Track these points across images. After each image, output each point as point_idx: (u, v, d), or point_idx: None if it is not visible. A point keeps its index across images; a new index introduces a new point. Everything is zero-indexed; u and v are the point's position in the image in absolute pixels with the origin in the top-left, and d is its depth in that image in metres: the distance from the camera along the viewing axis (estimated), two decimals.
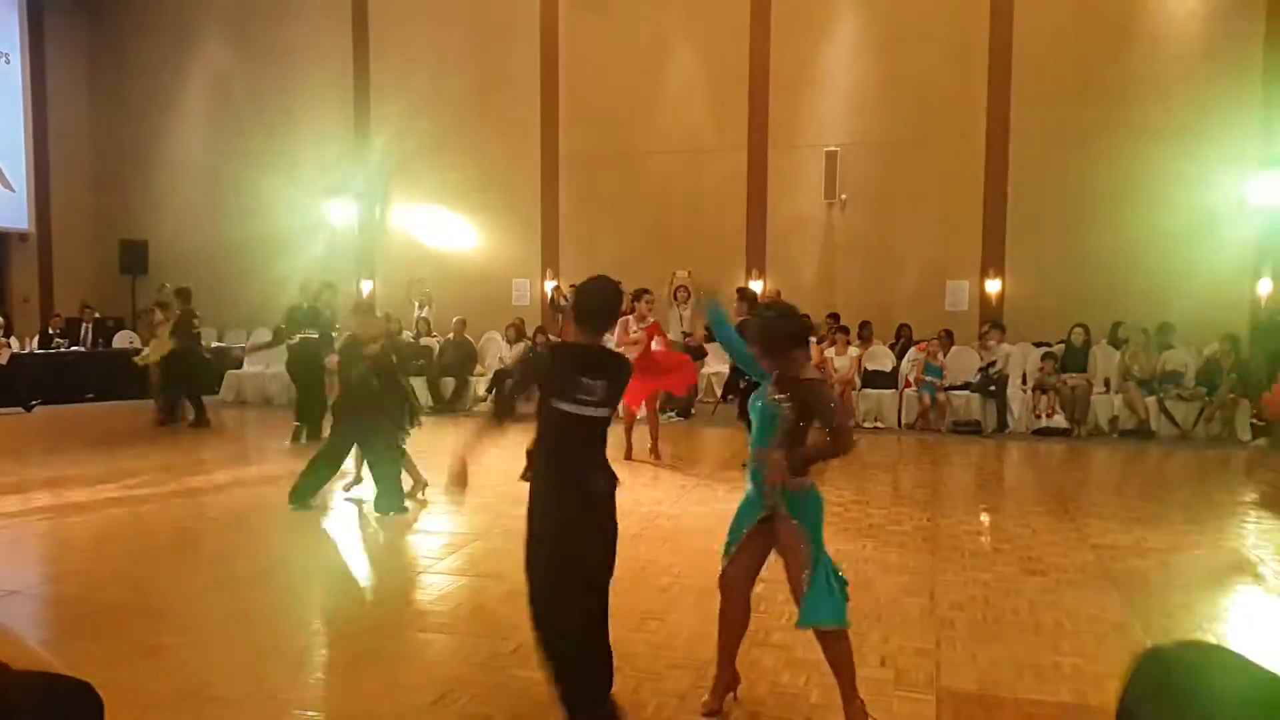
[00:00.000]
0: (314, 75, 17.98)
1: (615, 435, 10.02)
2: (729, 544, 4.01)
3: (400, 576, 6.14)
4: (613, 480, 3.73)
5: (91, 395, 15.38)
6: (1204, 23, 14.02)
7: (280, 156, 17.92)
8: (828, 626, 3.72)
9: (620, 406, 10.94)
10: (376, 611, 5.44)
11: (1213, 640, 4.53)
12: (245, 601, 5.48)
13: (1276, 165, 13.18)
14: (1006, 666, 4.47)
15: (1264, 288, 13.43)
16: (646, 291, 10.53)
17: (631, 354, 10.59)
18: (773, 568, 4.03)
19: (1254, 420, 11.62)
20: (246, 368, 15.87)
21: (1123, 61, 14.20)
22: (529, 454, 3.71)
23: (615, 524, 3.77)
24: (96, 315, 17.40)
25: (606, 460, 3.75)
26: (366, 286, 17.62)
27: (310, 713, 4.03)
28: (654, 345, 10.27)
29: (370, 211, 17.36)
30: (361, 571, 6.44)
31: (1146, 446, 11.62)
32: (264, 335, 13.96)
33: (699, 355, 12.18)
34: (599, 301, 3.72)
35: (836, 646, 3.74)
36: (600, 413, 3.69)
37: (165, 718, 3.96)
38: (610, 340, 10.57)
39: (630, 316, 10.32)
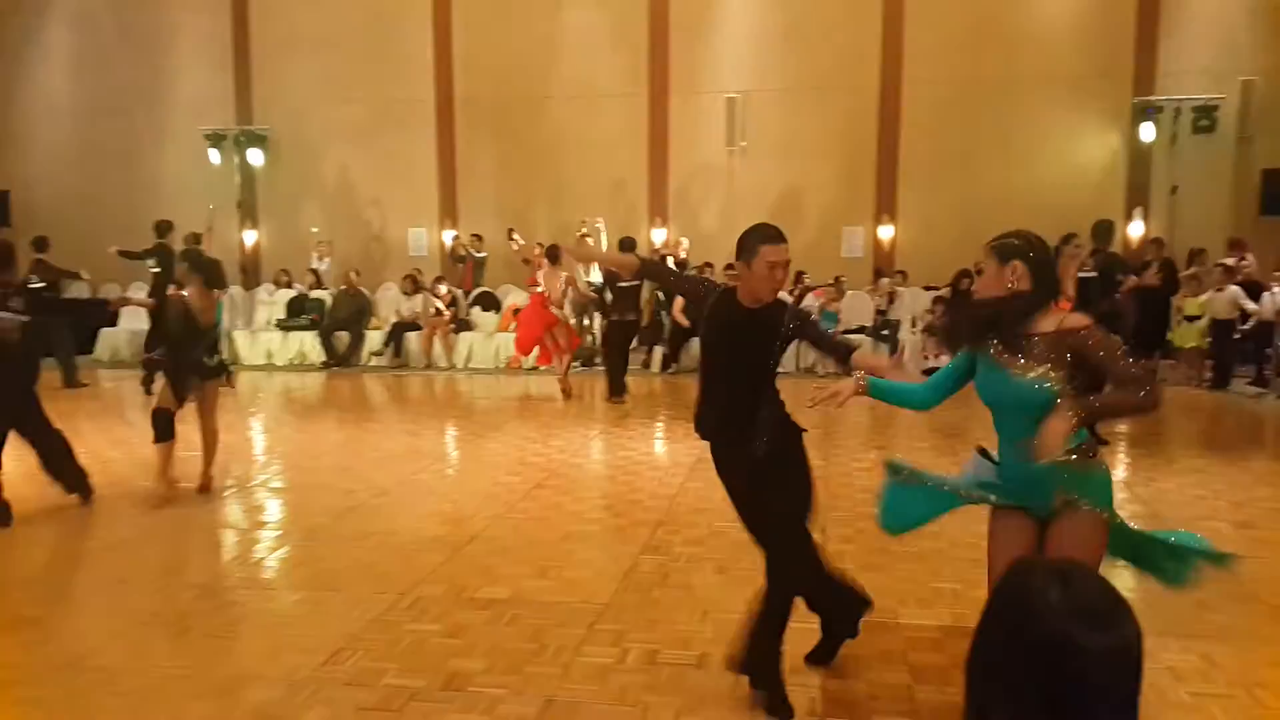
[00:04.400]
0: (188, 12, 17.08)
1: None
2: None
3: (285, 538, 6.03)
4: None
5: None
6: None
7: (154, 98, 17.02)
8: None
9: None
10: (259, 573, 5.33)
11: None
12: (119, 569, 5.31)
13: (1145, 113, 13.77)
14: (891, 594, 4.65)
15: (1135, 230, 14.05)
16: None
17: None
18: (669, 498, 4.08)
19: None
20: (122, 324, 15.03)
21: (1008, 11, 14.61)
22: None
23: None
24: None
25: None
26: (250, 237, 16.98)
27: (193, 679, 3.93)
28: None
29: (254, 157, 16.55)
30: (242, 534, 6.29)
31: None
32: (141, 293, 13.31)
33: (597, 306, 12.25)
34: None
35: None
36: None
37: (40, 691, 3.82)
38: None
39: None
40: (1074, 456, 2.88)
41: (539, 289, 11.13)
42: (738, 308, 3.64)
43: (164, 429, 6.57)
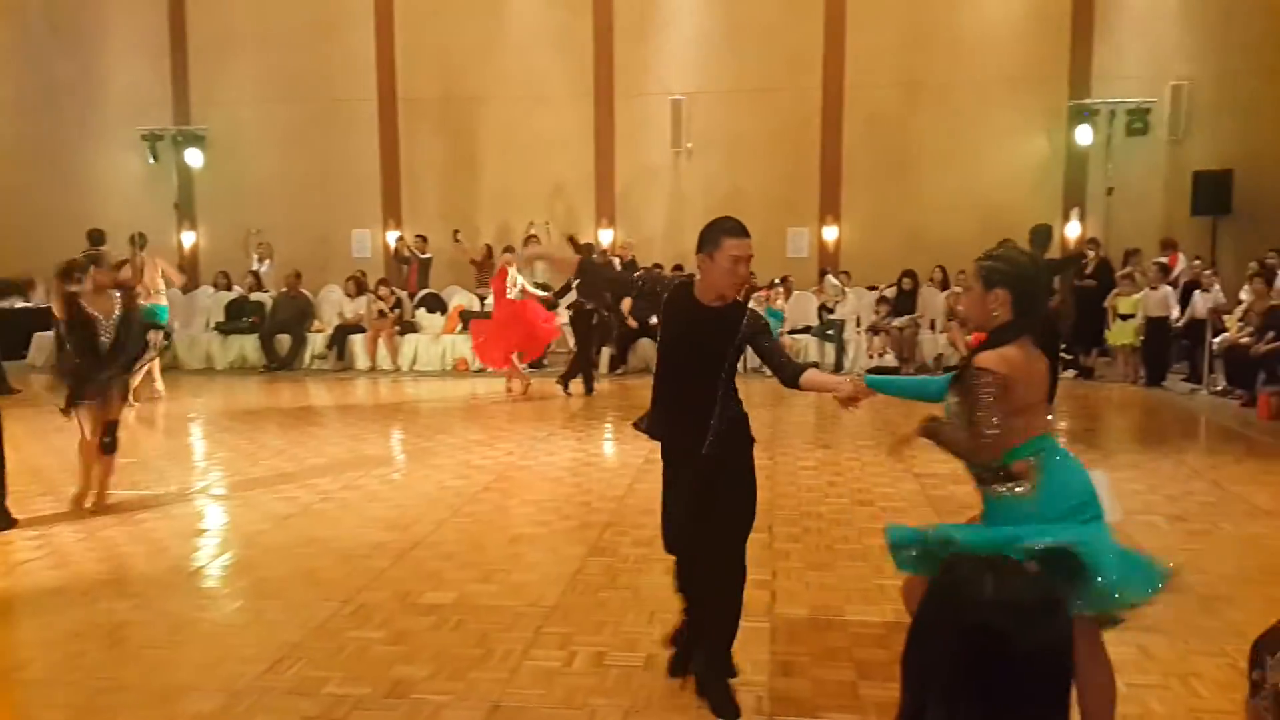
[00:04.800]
0: (123, 7, 16.67)
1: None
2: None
3: (225, 545, 5.91)
4: None
5: None
6: None
7: (87, 96, 16.59)
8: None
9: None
10: (198, 582, 5.22)
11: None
12: (52, 579, 5.16)
13: (1083, 114, 14.09)
14: (836, 591, 4.70)
15: (1072, 230, 14.36)
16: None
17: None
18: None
19: (1062, 354, 12.44)
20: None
21: (948, 15, 14.89)
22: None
23: None
24: None
25: None
26: (189, 238, 16.64)
27: (131, 690, 3.84)
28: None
29: (192, 157, 16.21)
30: (181, 542, 6.15)
31: None
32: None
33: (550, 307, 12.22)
34: None
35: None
36: None
37: None
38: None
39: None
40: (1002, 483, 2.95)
41: (513, 293, 11.05)
42: (697, 305, 3.56)
43: (114, 440, 6.37)
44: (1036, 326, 3.01)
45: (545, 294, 12.21)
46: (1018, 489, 2.94)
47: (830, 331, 13.08)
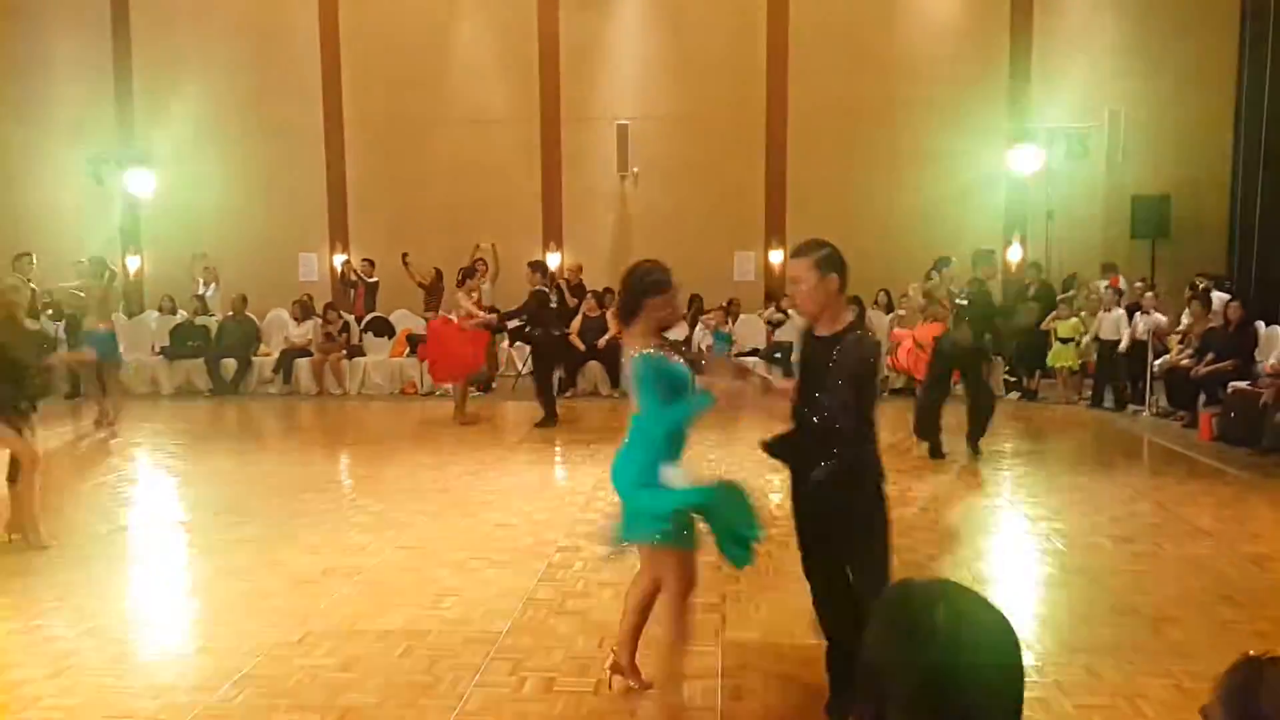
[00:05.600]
0: (66, 33, 16.38)
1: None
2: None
3: (170, 573, 5.79)
4: None
5: None
6: (961, 7, 15.22)
7: (33, 120, 16.24)
8: None
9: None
10: (143, 610, 5.11)
11: (968, 579, 4.92)
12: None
13: (1023, 139, 14.43)
14: (786, 614, 4.73)
15: (1014, 253, 14.66)
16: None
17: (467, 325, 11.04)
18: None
19: (1006, 376, 12.68)
20: None
21: (889, 41, 15.17)
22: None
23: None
24: None
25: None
26: (133, 263, 16.34)
27: (73, 716, 3.76)
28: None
29: (134, 180, 15.94)
30: (126, 570, 6.02)
31: (913, 403, 12.41)
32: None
33: (497, 330, 12.18)
34: None
35: None
36: None
37: None
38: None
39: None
40: None
41: (459, 313, 11.10)
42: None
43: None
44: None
45: (492, 315, 12.04)
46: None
47: (778, 355, 13.15)
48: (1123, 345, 11.63)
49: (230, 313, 14.04)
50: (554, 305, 11.53)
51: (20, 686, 4.05)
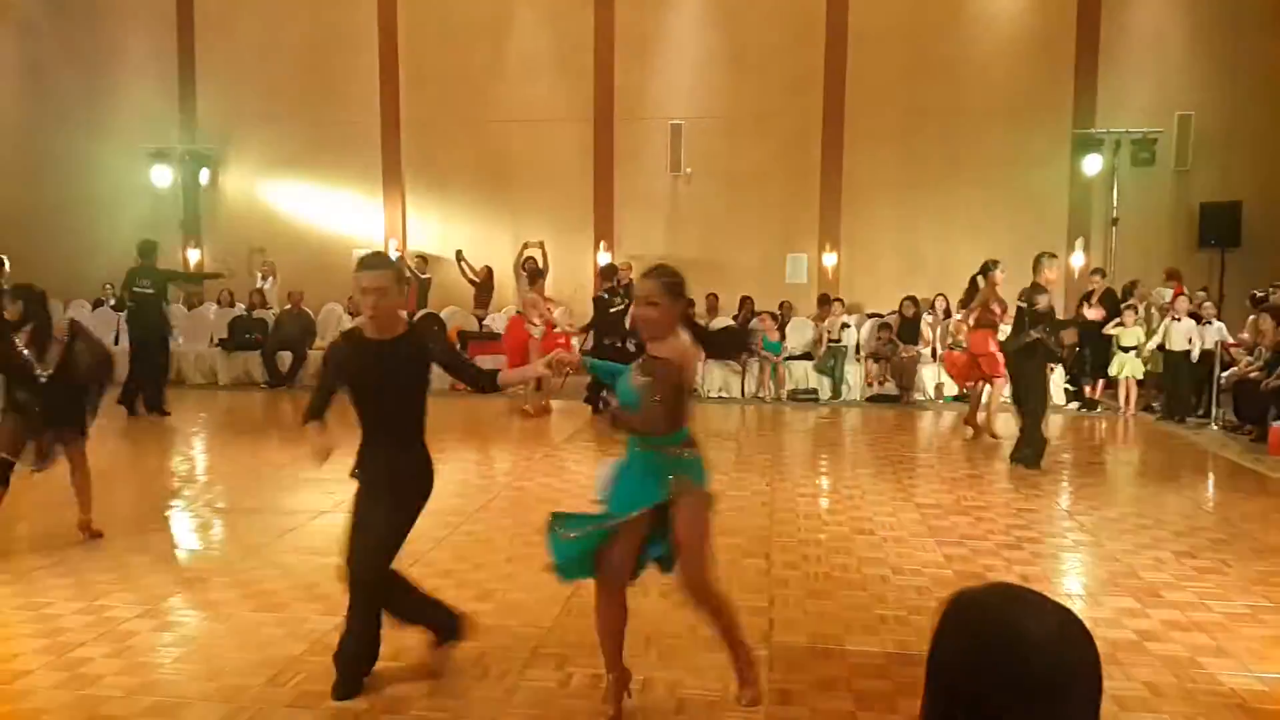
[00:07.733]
0: (132, 27, 16.81)
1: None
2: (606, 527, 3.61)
3: (226, 559, 5.89)
4: None
5: None
6: (1026, 6, 14.92)
7: (98, 114, 16.66)
8: None
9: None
10: (199, 594, 5.19)
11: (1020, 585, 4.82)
12: (50, 589, 5.15)
13: (1087, 144, 14.13)
14: (835, 620, 4.67)
15: (1077, 260, 14.35)
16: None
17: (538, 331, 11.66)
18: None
19: (1067, 387, 12.43)
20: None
21: (951, 42, 14.92)
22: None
23: None
24: None
25: None
26: (194, 255, 16.68)
27: (130, 700, 3.82)
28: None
29: (197, 174, 16.32)
30: (183, 555, 6.13)
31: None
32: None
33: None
34: None
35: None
36: None
37: None
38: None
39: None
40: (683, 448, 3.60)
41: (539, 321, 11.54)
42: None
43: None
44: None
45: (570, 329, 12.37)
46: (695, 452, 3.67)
47: (833, 362, 12.98)
48: (1194, 355, 11.28)
49: (288, 306, 14.29)
50: (615, 310, 11.61)
51: (77, 665, 4.15)
